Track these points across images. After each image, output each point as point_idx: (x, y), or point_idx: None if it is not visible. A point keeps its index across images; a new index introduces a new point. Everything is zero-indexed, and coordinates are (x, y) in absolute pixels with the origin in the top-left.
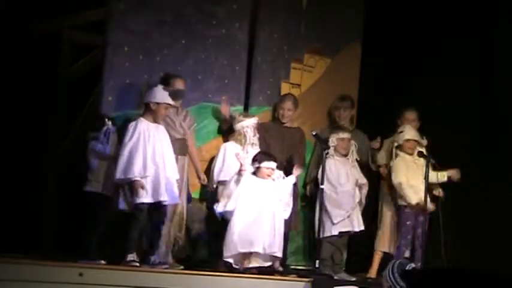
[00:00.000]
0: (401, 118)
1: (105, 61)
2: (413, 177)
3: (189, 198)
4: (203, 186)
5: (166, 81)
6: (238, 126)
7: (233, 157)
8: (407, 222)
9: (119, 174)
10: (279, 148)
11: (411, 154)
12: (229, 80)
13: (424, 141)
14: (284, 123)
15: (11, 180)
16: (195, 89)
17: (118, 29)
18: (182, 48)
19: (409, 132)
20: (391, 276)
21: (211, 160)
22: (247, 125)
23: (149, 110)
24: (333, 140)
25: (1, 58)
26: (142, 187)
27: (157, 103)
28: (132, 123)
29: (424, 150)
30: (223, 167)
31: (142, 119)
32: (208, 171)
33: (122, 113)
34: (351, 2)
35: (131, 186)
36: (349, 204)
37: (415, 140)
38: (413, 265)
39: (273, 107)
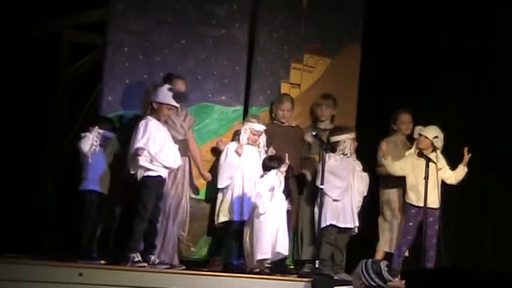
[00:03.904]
0: (396, 121)
1: (105, 61)
2: (420, 177)
3: (196, 192)
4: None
5: (167, 81)
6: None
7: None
8: (410, 223)
9: (131, 153)
10: (283, 148)
11: (423, 150)
12: (229, 80)
13: (438, 143)
14: (283, 123)
15: (11, 180)
16: (195, 89)
17: (118, 29)
18: (182, 48)
19: (426, 129)
20: (364, 273)
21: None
22: (258, 129)
23: (153, 110)
24: (346, 141)
25: (1, 58)
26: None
27: (160, 103)
28: (142, 122)
29: (432, 154)
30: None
31: (150, 117)
32: (210, 171)
33: (122, 113)
34: (351, 2)
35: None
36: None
37: (427, 138)
38: (387, 262)
39: (270, 108)
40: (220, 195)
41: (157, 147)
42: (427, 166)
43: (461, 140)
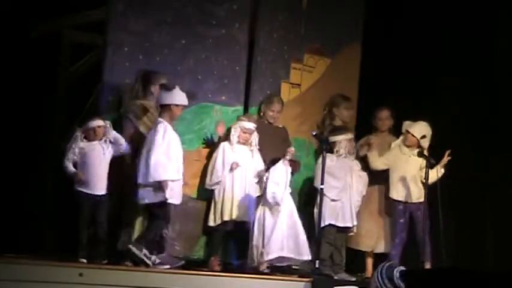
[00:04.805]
0: (375, 118)
1: (105, 61)
2: (403, 171)
3: None
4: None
5: (156, 81)
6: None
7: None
8: (400, 220)
9: (153, 177)
10: (269, 146)
11: (408, 147)
12: (229, 80)
13: (425, 143)
14: (271, 123)
15: (10, 180)
16: (195, 89)
17: (118, 29)
18: (182, 48)
19: (415, 126)
20: (379, 278)
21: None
22: (248, 127)
23: (167, 112)
24: (342, 142)
25: (1, 58)
26: (166, 186)
27: (177, 105)
28: (161, 125)
29: (424, 151)
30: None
31: (163, 120)
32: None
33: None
34: (351, 2)
35: (161, 185)
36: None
37: (414, 136)
38: (402, 268)
39: (259, 107)
40: (213, 197)
41: (176, 156)
42: (427, 166)
43: (461, 140)
